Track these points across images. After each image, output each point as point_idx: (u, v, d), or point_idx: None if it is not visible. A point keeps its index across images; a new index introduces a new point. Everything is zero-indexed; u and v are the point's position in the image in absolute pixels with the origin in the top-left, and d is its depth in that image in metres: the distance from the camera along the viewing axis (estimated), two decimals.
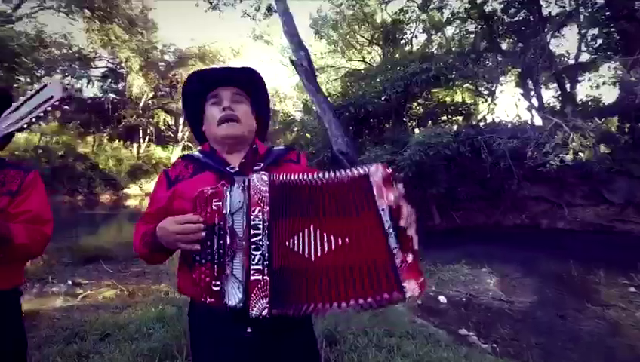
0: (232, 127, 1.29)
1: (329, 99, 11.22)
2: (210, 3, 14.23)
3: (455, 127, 10.95)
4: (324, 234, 1.02)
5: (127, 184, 22.99)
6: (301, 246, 1.03)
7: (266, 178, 1.07)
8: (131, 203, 20.36)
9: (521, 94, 11.46)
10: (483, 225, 10.71)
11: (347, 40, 19.18)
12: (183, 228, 1.08)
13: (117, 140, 24.39)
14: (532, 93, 11.33)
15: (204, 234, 1.07)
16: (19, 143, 18.95)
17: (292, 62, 10.53)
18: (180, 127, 26.59)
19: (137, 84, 23.45)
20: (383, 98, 11.08)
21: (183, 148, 26.86)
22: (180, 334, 2.96)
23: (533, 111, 11.19)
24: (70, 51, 20.99)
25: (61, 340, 3.25)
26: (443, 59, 10.75)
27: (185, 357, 2.71)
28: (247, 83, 1.35)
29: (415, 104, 12.24)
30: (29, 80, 14.95)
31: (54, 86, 1.05)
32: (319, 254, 1.02)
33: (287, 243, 1.03)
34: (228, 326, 1.10)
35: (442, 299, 4.64)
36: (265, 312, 0.99)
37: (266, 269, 1.02)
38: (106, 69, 25.08)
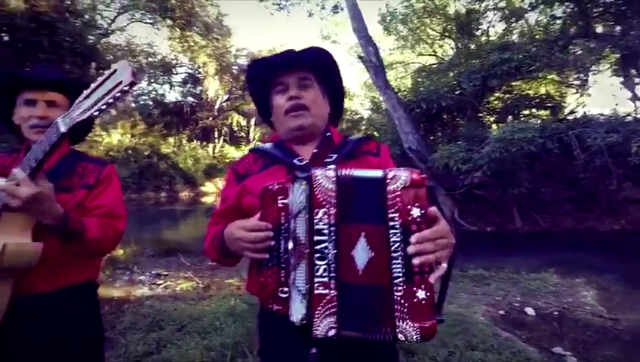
0: (301, 117, 1.16)
1: (399, 95, 10.85)
2: (278, 4, 14.55)
3: (539, 122, 9.96)
4: (368, 246, 0.88)
5: (204, 182, 24.46)
6: (358, 257, 0.88)
7: (332, 174, 0.90)
8: (207, 200, 21.57)
9: (622, 83, 10.10)
10: (572, 230, 9.61)
11: (417, 34, 18.47)
12: (250, 236, 0.98)
13: (194, 141, 26.12)
14: (636, 81, 9.93)
15: (272, 243, 0.95)
16: (112, 144, 21.08)
17: (361, 58, 10.35)
18: (252, 128, 27.70)
19: (213, 88, 24.87)
20: (457, 92, 10.44)
21: None
22: (252, 331, 2.96)
23: (638, 102, 9.80)
24: (155, 59, 22.90)
25: (143, 328, 3.42)
26: (525, 49, 9.82)
27: (256, 356, 2.68)
28: (315, 65, 1.21)
29: (493, 98, 11.37)
30: None
31: (123, 70, 0.99)
32: (363, 268, 0.87)
33: (352, 253, 0.88)
34: (295, 339, 0.98)
35: (530, 311, 4.15)
36: (332, 333, 0.84)
37: (332, 282, 0.87)
38: (185, 74, 27.00)
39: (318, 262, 0.88)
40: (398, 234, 0.85)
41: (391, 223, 0.85)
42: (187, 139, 26.41)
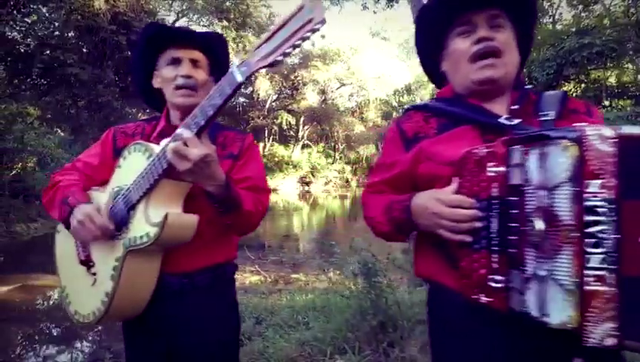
0: (492, 67, 0.94)
1: None
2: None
3: (621, 113, 9.04)
4: None
5: None
6: None
7: (610, 133, 0.68)
8: None
9: None
10: None
11: None
12: (452, 212, 0.82)
13: None
14: None
15: (479, 224, 0.80)
16: None
17: None
18: (301, 127, 27.86)
19: (264, 88, 25.24)
20: (526, 82, 9.74)
21: (303, 147, 28.10)
22: (343, 327, 2.80)
23: None
24: None
25: None
26: (606, 33, 8.95)
27: (356, 352, 2.52)
28: (511, 1, 0.97)
29: (566, 88, 10.52)
30: None
31: (313, 7, 0.83)
32: None
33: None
34: (510, 336, 0.83)
35: None
36: (610, 342, 0.65)
37: (612, 276, 0.66)
38: None
39: (590, 250, 0.67)
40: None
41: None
42: None
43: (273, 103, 27.50)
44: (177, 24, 19.07)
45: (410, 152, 1.00)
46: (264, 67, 0.90)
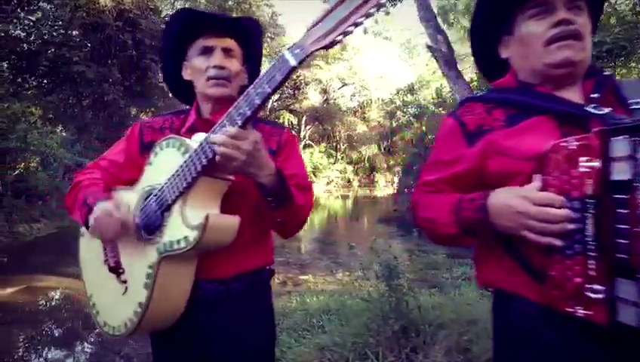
0: (571, 47, 0.85)
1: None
2: None
3: None
4: None
5: None
6: None
7: None
8: None
9: None
10: None
11: None
12: (541, 212, 0.73)
13: None
14: None
15: (572, 226, 0.72)
16: None
17: (429, 48, 9.83)
18: (303, 126, 27.75)
19: None
20: None
21: (305, 147, 28.00)
22: (363, 332, 2.71)
23: None
24: None
25: None
26: (614, 31, 8.84)
27: (379, 358, 2.42)
28: None
29: None
30: None
31: None
32: None
33: None
34: (593, 350, 0.75)
35: None
36: None
37: None
38: None
39: None
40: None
41: None
42: None
43: (275, 103, 27.36)
44: None
45: (476, 147, 0.91)
46: (320, 49, 0.81)
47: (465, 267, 5.54)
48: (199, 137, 1.01)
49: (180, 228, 0.95)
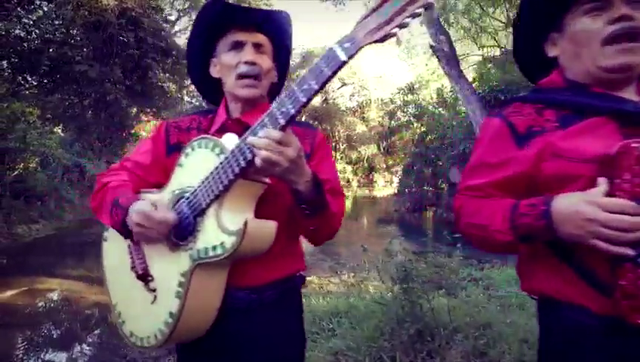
0: (632, 52, 0.81)
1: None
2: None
3: None
4: None
5: None
6: None
7: None
8: None
9: None
10: None
11: (479, 25, 17.54)
12: (613, 219, 0.69)
13: None
14: None
15: None
16: None
17: (432, 47, 9.81)
18: None
19: None
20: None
21: None
22: (376, 335, 2.66)
23: None
24: None
25: None
26: None
27: None
28: None
29: None
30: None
31: None
32: None
33: None
34: None
35: None
36: None
37: None
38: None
39: None
40: None
41: None
42: None
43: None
44: (179, 22, 18.93)
45: (528, 149, 0.86)
46: (373, 42, 0.75)
47: (470, 268, 5.49)
48: (231, 138, 0.96)
49: (216, 233, 0.89)
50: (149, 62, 10.71)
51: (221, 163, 0.90)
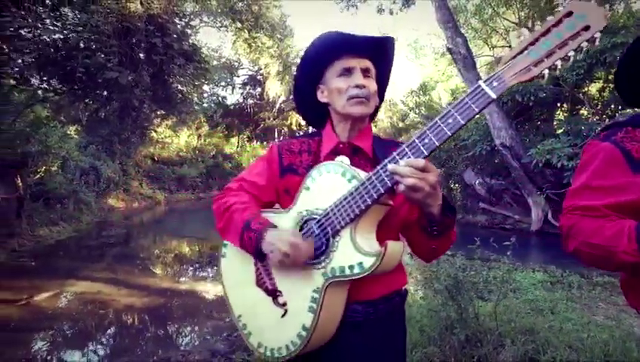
0: None
1: None
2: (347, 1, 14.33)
3: None
4: None
5: None
6: None
7: None
8: None
9: None
10: None
11: (490, 26, 17.54)
12: None
13: (255, 141, 26.59)
14: None
15: None
16: (181, 145, 21.90)
17: (449, 50, 9.85)
18: (310, 127, 27.64)
19: (274, 89, 25.13)
20: (551, 84, 9.63)
21: None
22: (423, 341, 2.71)
23: None
24: (219, 63, 23.55)
25: None
26: (634, 31, 8.81)
27: None
28: None
29: (594, 88, 10.38)
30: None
31: (589, 11, 0.74)
32: None
33: None
34: None
35: None
36: None
37: None
38: (246, 76, 27.54)
39: None
40: None
41: None
42: (248, 139, 26.97)
43: (283, 104, 27.37)
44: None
45: None
46: (527, 80, 0.81)
47: (495, 270, 5.50)
48: (343, 160, 1.02)
49: (352, 253, 0.95)
50: (172, 67, 10.82)
51: (357, 189, 0.95)
